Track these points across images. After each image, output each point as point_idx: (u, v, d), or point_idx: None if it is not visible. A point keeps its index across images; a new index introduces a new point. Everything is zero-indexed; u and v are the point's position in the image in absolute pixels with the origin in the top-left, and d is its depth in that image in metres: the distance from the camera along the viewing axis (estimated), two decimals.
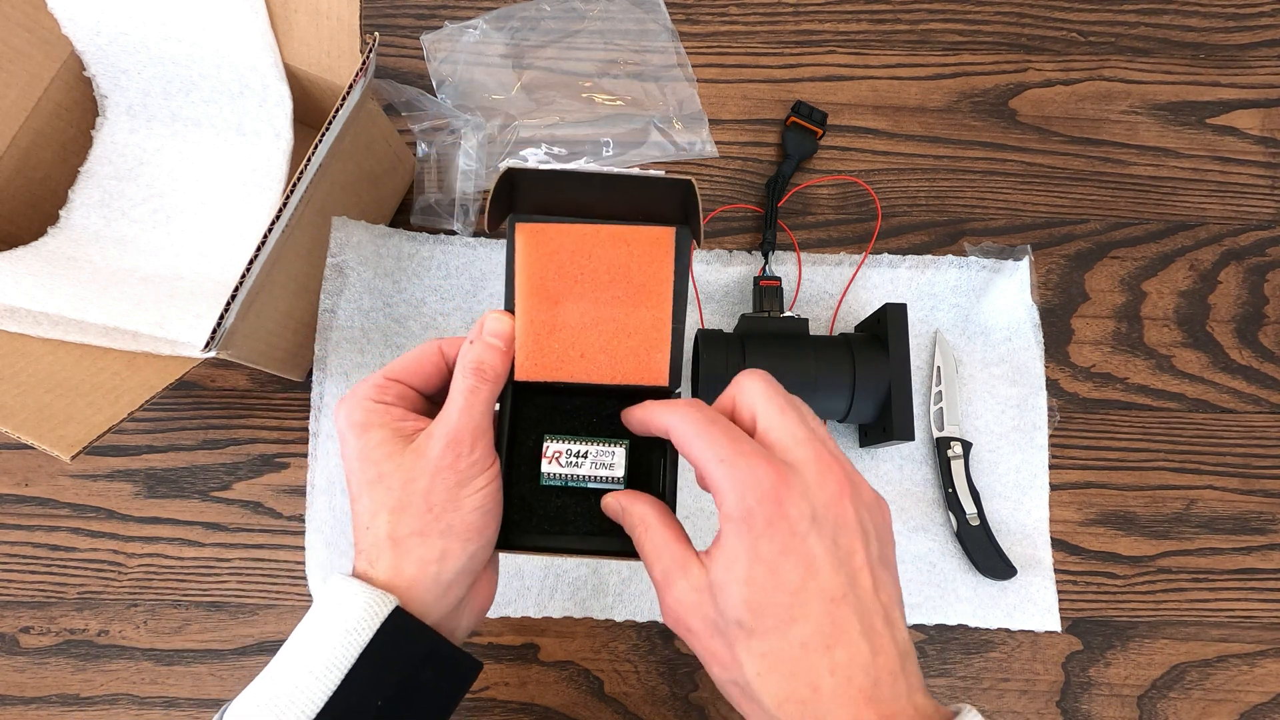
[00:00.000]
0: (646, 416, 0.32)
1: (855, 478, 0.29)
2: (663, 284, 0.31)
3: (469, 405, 0.31)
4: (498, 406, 0.34)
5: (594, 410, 0.35)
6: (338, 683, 0.28)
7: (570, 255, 0.31)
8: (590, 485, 0.34)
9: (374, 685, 0.29)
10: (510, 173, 0.29)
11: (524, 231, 0.31)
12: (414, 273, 0.54)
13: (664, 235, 0.31)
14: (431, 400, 0.34)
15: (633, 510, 0.31)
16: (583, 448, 0.33)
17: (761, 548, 0.26)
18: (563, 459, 0.33)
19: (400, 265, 0.53)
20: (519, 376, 0.33)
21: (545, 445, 0.33)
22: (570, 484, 0.34)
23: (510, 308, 0.32)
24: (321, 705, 0.28)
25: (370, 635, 0.29)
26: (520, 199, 0.31)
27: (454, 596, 0.32)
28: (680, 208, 0.30)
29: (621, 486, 0.34)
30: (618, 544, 0.33)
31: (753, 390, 0.30)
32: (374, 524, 0.31)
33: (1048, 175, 0.58)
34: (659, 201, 0.30)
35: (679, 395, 0.34)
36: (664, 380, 0.32)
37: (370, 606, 0.29)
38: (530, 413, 0.35)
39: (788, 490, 0.27)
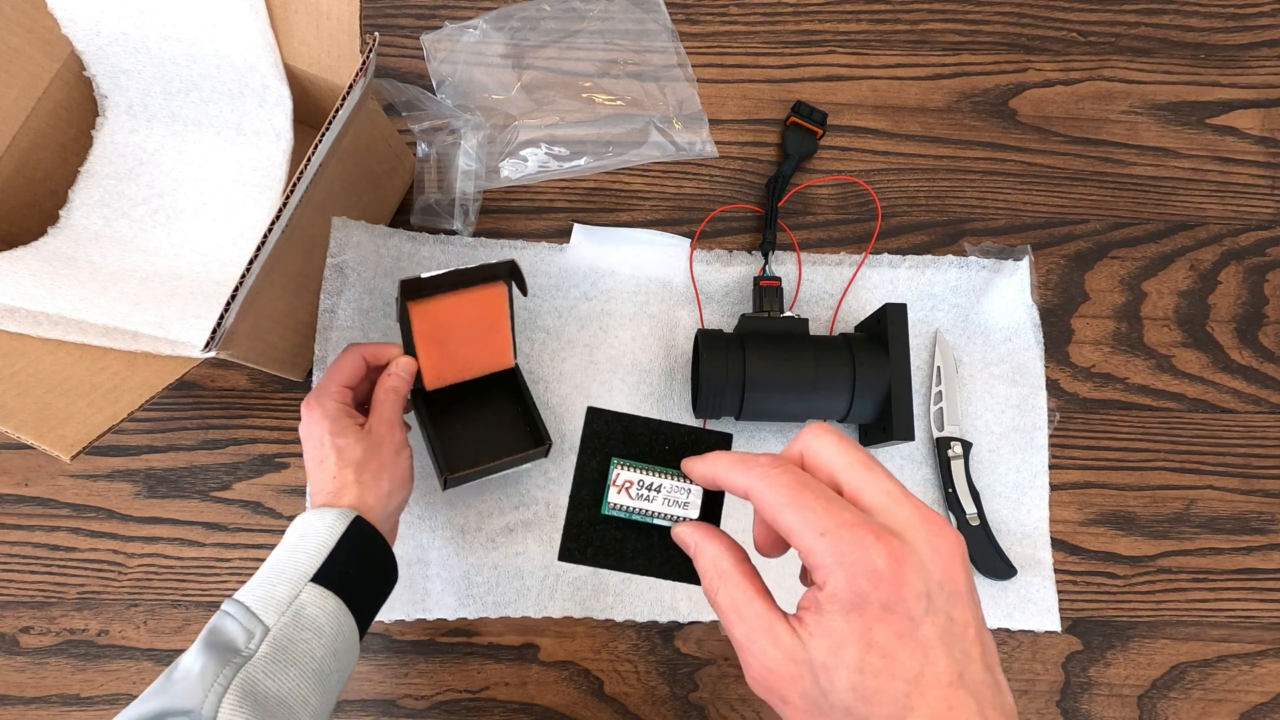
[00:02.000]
0: (716, 474, 0.29)
1: (956, 530, 0.27)
2: (503, 316, 0.47)
3: (391, 406, 0.45)
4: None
5: (666, 438, 0.32)
6: (324, 557, 0.39)
7: (444, 315, 0.46)
8: (656, 521, 0.31)
9: (348, 562, 0.40)
10: (402, 283, 0.43)
11: (413, 308, 0.45)
12: (414, 273, 0.53)
13: (499, 290, 0.46)
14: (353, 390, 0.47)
15: (706, 552, 0.29)
16: (656, 480, 0.31)
17: (876, 634, 0.24)
18: (633, 490, 0.31)
19: (400, 266, 0.53)
20: (429, 388, 0.48)
21: (614, 472, 0.31)
22: (635, 517, 0.31)
23: (410, 350, 0.46)
24: (314, 572, 0.39)
25: (345, 527, 0.40)
26: (408, 291, 0.44)
27: (389, 527, 0.44)
28: (509, 273, 0.46)
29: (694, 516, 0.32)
30: (683, 575, 0.31)
31: (827, 447, 0.27)
32: (342, 473, 0.43)
33: (1048, 175, 0.58)
34: (495, 273, 0.46)
35: (516, 366, 0.50)
36: (510, 363, 0.49)
37: (343, 514, 0.41)
38: (599, 429, 0.32)
39: (903, 569, 0.25)
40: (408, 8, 0.60)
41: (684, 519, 0.31)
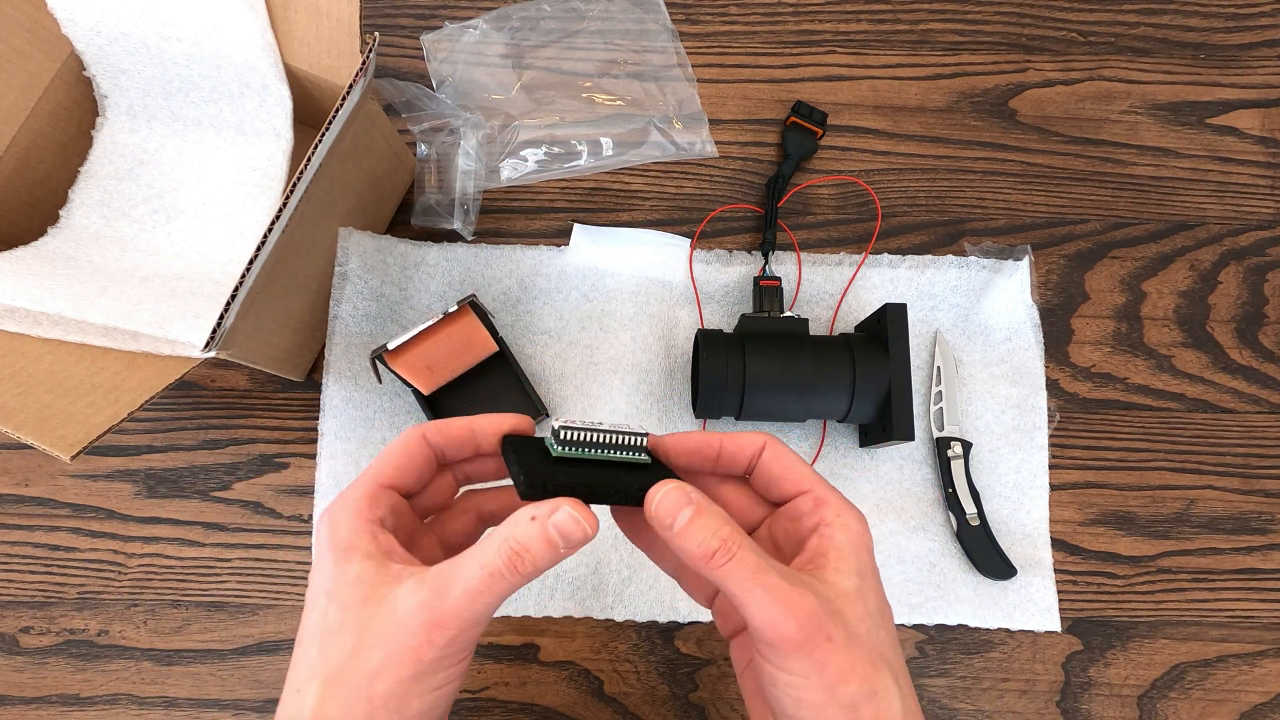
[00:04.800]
0: (721, 439, 0.30)
1: None
2: (475, 324, 0.49)
3: (481, 591, 0.25)
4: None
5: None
6: None
7: (425, 349, 0.48)
8: (612, 456, 0.29)
9: None
10: (372, 356, 0.48)
11: (391, 358, 0.47)
12: (420, 280, 0.54)
13: (464, 312, 0.48)
14: (414, 502, 0.31)
15: (712, 512, 0.27)
16: (598, 422, 0.30)
17: (874, 567, 0.29)
18: (577, 423, 0.29)
19: (405, 273, 0.54)
20: (427, 393, 0.50)
21: (556, 424, 0.29)
22: (586, 452, 0.29)
23: (415, 392, 0.50)
24: None
25: None
26: (379, 354, 0.47)
27: None
28: (470, 304, 0.48)
29: (647, 459, 0.29)
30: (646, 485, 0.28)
31: (788, 457, 0.31)
32: (305, 691, 0.25)
33: (1048, 175, 0.58)
34: (461, 310, 0.48)
35: (503, 347, 0.51)
36: (494, 348, 0.50)
37: None
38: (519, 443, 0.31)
39: None
40: (408, 8, 0.60)
41: (635, 443, 0.29)
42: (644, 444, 0.30)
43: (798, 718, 0.27)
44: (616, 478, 0.28)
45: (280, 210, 0.39)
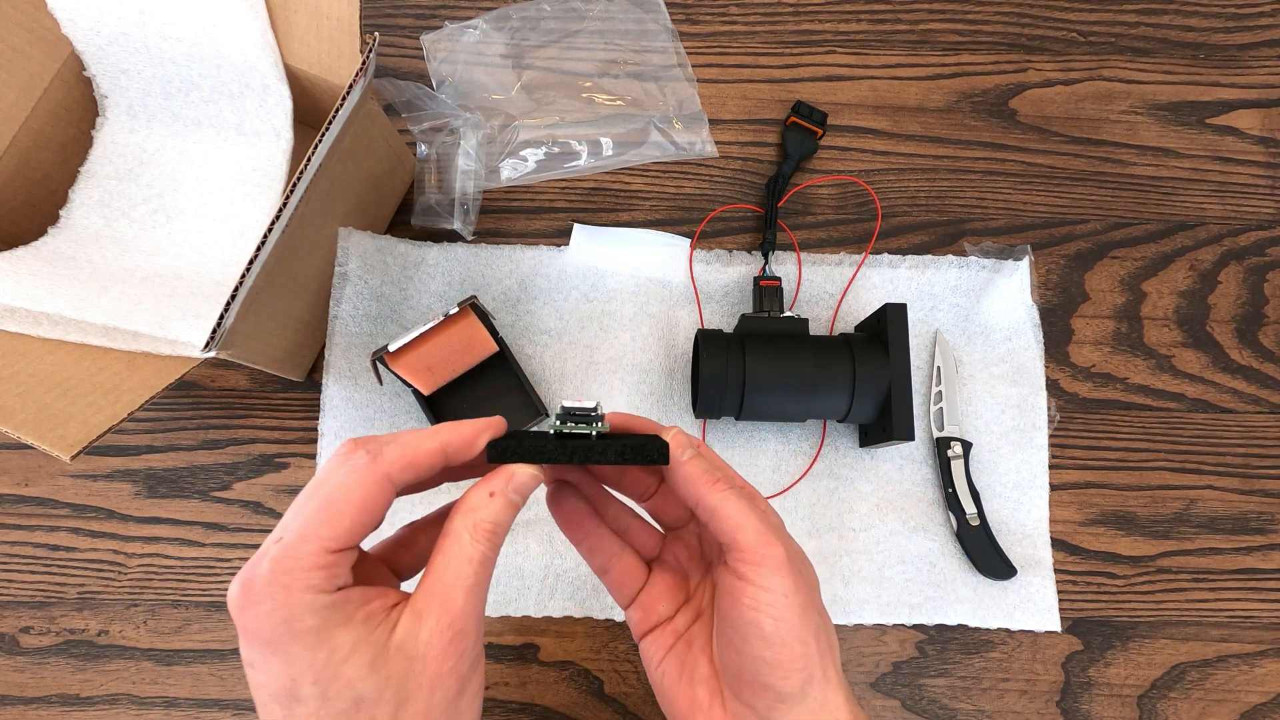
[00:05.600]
0: (676, 427, 0.31)
1: None
2: (476, 325, 0.49)
3: (480, 581, 0.24)
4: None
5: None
6: None
7: (426, 350, 0.48)
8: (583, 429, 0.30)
9: None
10: (373, 357, 0.47)
11: (391, 359, 0.47)
12: (420, 280, 0.54)
13: (464, 313, 0.48)
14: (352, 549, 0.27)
15: (706, 462, 0.29)
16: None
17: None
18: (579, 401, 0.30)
19: (405, 273, 0.54)
20: (427, 393, 0.50)
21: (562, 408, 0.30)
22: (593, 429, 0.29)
23: (415, 392, 0.50)
24: None
25: None
26: (379, 354, 0.48)
27: None
28: (471, 305, 0.49)
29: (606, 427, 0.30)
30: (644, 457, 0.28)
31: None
32: None
33: (1048, 175, 0.58)
34: (462, 311, 0.48)
35: (503, 347, 0.50)
36: (494, 348, 0.50)
37: None
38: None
39: None
40: (408, 8, 0.60)
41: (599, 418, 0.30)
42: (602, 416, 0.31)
43: (774, 637, 0.27)
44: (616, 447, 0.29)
45: (280, 210, 0.39)
